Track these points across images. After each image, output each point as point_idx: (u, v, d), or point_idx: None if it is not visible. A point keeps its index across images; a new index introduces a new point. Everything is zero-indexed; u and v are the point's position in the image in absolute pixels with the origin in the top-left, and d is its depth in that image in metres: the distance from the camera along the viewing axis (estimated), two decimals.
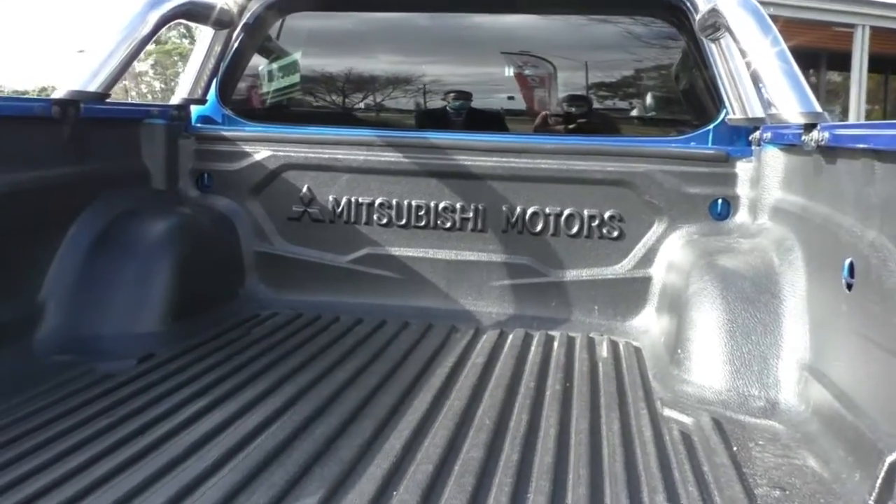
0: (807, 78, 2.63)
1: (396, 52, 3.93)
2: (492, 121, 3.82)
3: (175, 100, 3.26)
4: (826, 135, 2.09)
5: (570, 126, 3.58)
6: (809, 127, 2.20)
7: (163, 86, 35.87)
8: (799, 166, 2.45)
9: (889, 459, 1.49)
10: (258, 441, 1.82)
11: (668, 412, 2.12)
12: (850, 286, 1.83)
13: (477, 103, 3.74)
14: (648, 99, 3.65)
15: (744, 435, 1.97)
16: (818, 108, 2.30)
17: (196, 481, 1.60)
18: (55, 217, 2.57)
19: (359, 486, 1.61)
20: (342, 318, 2.94)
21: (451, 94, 3.85)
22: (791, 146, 2.47)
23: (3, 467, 1.64)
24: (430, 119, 3.88)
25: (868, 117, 15.56)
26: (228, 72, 3.42)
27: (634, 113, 3.69)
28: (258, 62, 3.70)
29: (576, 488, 1.65)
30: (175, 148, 3.16)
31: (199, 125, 3.33)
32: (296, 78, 3.77)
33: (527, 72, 3.81)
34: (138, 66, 39.57)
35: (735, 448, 1.88)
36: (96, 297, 2.55)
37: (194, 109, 3.35)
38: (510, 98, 4.02)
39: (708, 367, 2.24)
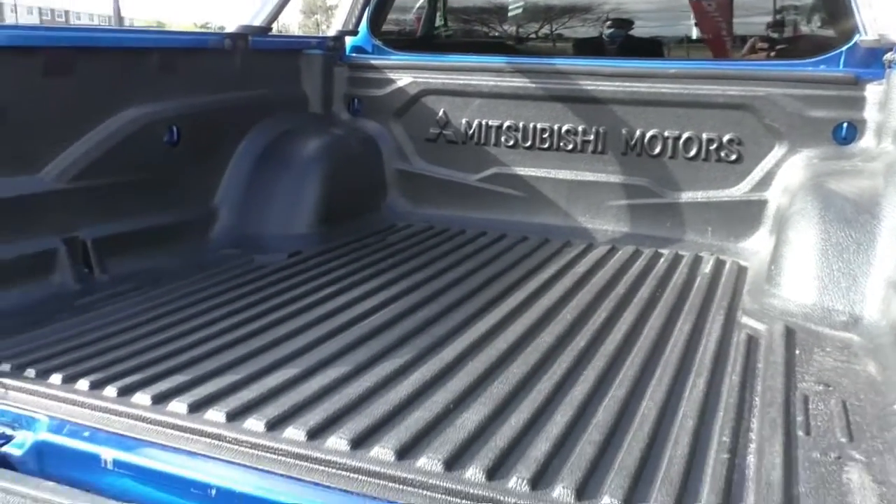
0: None
1: None
2: (635, 47, 3.90)
3: (331, 32, 3.65)
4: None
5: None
6: None
7: None
8: None
9: None
10: (368, 320, 2.19)
11: (745, 319, 2.25)
12: None
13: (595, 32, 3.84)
14: (783, 23, 3.56)
15: (813, 342, 2.07)
16: None
17: (313, 344, 1.99)
18: (228, 134, 3.07)
19: (441, 355, 1.93)
20: (468, 231, 3.25)
21: (607, 23, 3.97)
22: None
23: (180, 321, 2.12)
24: (577, 47, 4.02)
25: None
26: (378, 5, 3.76)
27: (769, 35, 3.62)
28: None
29: (627, 370, 1.87)
30: (330, 75, 3.56)
31: (351, 55, 3.71)
32: (439, 8, 4.04)
33: None
34: (328, 1, 41.66)
35: (798, 351, 2.00)
36: (259, 203, 3.03)
37: (348, 40, 3.73)
38: (653, 25, 4.07)
39: (797, 282, 2.32)
